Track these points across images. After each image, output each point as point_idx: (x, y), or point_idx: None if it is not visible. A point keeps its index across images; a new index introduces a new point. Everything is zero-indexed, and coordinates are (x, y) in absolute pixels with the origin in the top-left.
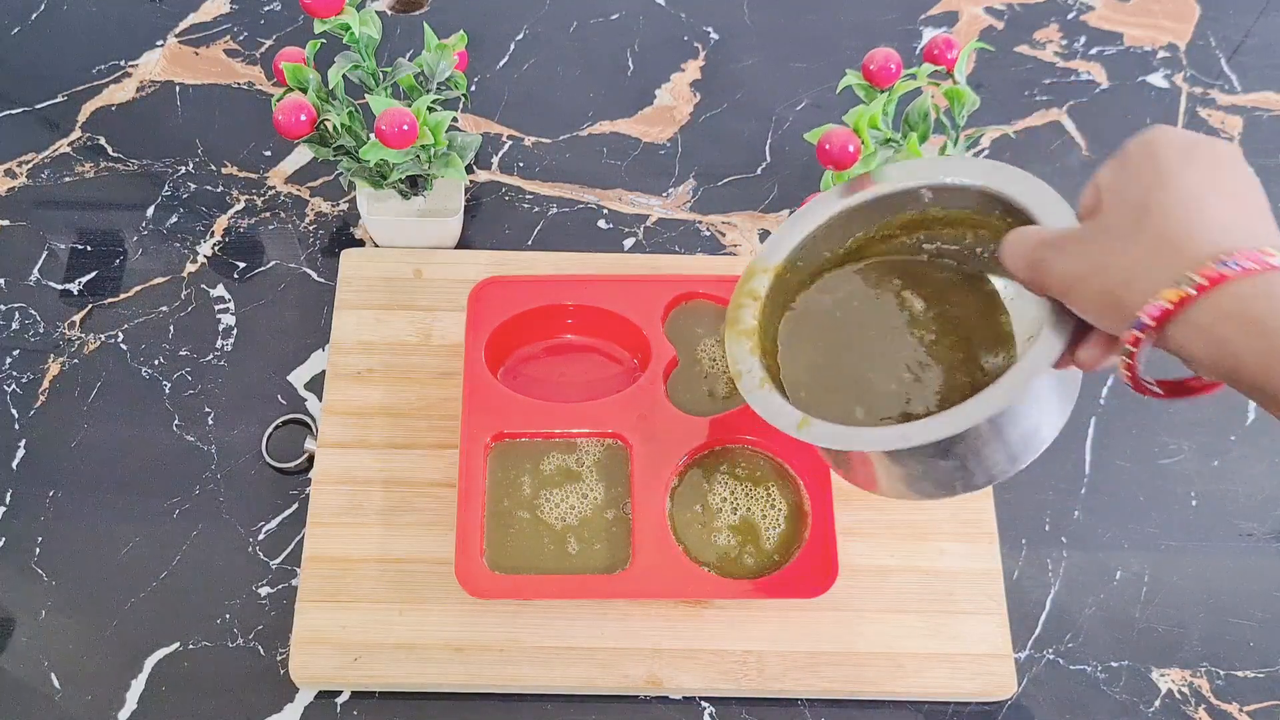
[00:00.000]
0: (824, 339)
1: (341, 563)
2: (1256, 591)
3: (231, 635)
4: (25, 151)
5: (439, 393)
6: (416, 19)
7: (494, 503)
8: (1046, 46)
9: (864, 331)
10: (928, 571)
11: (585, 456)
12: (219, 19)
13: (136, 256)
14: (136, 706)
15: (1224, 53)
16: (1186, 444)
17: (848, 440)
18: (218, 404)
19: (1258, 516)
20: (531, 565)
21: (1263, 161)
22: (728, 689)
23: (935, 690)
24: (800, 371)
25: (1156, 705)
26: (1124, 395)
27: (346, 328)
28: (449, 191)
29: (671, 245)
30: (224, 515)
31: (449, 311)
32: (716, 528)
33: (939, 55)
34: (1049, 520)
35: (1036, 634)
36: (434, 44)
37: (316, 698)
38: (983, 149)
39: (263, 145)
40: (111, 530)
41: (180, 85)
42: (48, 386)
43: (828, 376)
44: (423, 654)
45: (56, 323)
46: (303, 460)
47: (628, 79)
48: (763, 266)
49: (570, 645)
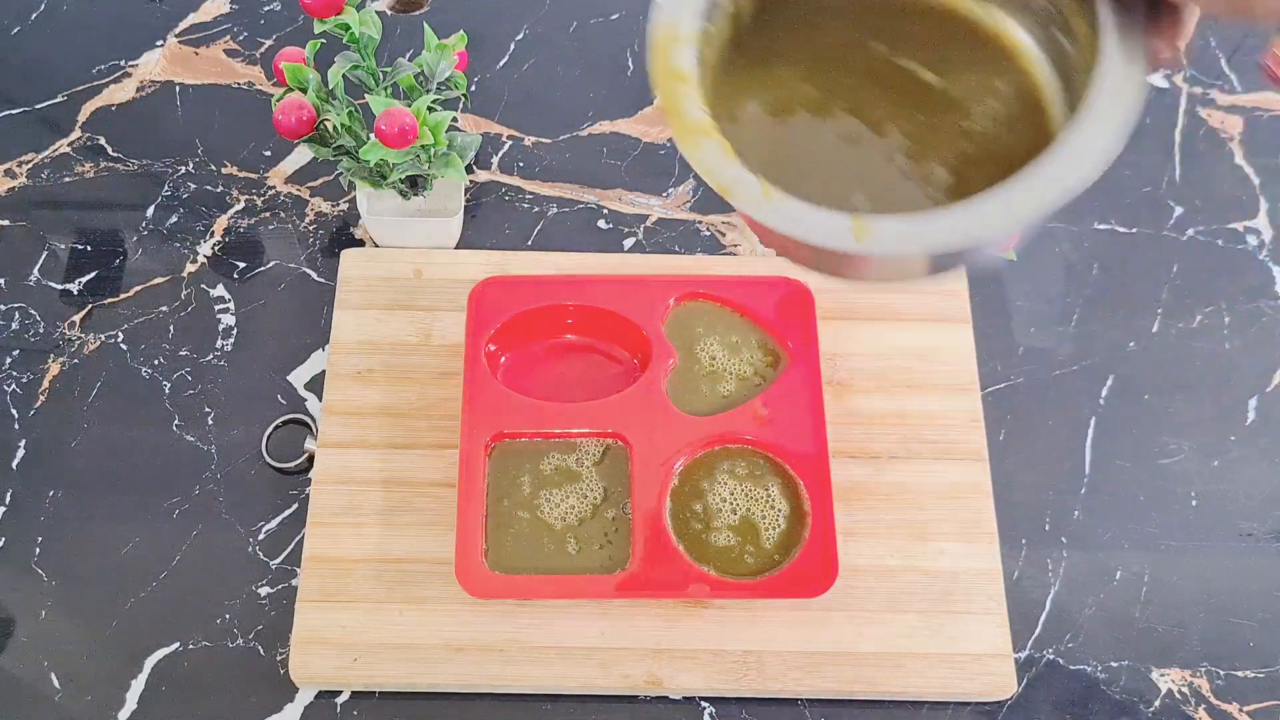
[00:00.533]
0: (785, 117)
1: (341, 563)
2: (1256, 591)
3: (231, 635)
4: (25, 151)
5: (439, 393)
6: (416, 19)
7: (494, 503)
8: None
9: (834, 99)
10: (928, 571)
11: (585, 456)
12: (219, 19)
13: (136, 256)
14: (136, 706)
15: (1224, 53)
16: (1186, 444)
17: (933, 237)
18: (218, 404)
19: (1258, 516)
20: (531, 565)
21: (1263, 161)
22: (728, 689)
23: (935, 690)
24: (771, 159)
25: (1156, 705)
26: (1124, 395)
27: (346, 328)
28: (449, 191)
29: (671, 245)
30: (224, 515)
31: (449, 311)
32: (716, 528)
33: None
34: (1049, 520)
35: (1036, 634)
36: (434, 44)
37: (316, 698)
38: None
39: (263, 145)
40: (111, 530)
41: (180, 85)
42: (48, 386)
43: (803, 161)
44: (423, 654)
45: (56, 323)
46: (303, 460)
47: (628, 79)
48: (672, 34)
49: (570, 645)
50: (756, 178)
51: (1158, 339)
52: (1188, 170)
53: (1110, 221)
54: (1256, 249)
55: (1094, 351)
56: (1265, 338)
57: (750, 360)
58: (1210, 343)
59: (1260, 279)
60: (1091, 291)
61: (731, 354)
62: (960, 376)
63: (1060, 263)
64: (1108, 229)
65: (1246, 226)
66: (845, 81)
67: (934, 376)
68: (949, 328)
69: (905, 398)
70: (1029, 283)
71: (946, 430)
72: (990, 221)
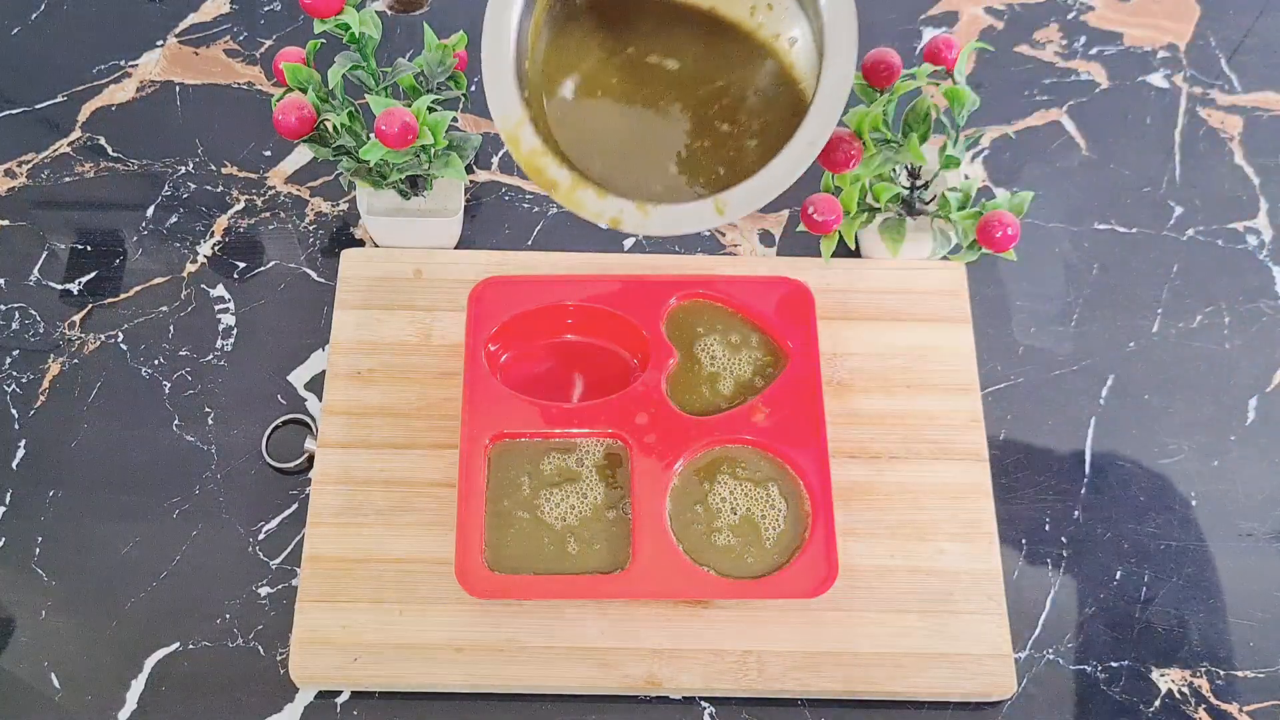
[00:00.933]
0: (593, 99)
1: (341, 563)
2: (1256, 591)
3: (231, 635)
4: (25, 151)
5: (439, 393)
6: (416, 19)
7: (494, 503)
8: (1046, 46)
9: (632, 105)
10: (928, 571)
11: (585, 456)
12: (219, 19)
13: (136, 256)
14: (136, 706)
15: (1224, 53)
16: (1186, 444)
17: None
18: (218, 404)
19: (1258, 516)
20: (531, 565)
21: (1263, 161)
22: (728, 689)
23: (935, 690)
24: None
25: (1156, 705)
26: (1124, 395)
27: (346, 328)
28: (449, 191)
29: (671, 245)
30: (224, 515)
31: (449, 311)
32: (716, 528)
33: (939, 55)
34: (1049, 520)
35: (1036, 634)
36: (434, 44)
37: (316, 698)
38: (983, 149)
39: (263, 145)
40: (111, 530)
41: (180, 85)
42: (48, 386)
43: (624, 160)
44: (423, 654)
45: (56, 323)
46: (303, 460)
47: None
48: (511, 126)
49: (570, 645)
50: (633, 203)
51: (1158, 339)
52: (1188, 170)
53: (1110, 221)
54: (1256, 249)
55: (1094, 351)
56: (1265, 338)
57: (750, 360)
58: (1210, 343)
59: (1260, 279)
60: (1091, 291)
61: (731, 354)
62: (960, 376)
63: (1060, 263)
64: (1108, 229)
65: (1246, 226)
66: (645, 76)
67: (934, 376)
68: (949, 328)
69: (905, 398)
70: (1029, 283)
71: (946, 430)
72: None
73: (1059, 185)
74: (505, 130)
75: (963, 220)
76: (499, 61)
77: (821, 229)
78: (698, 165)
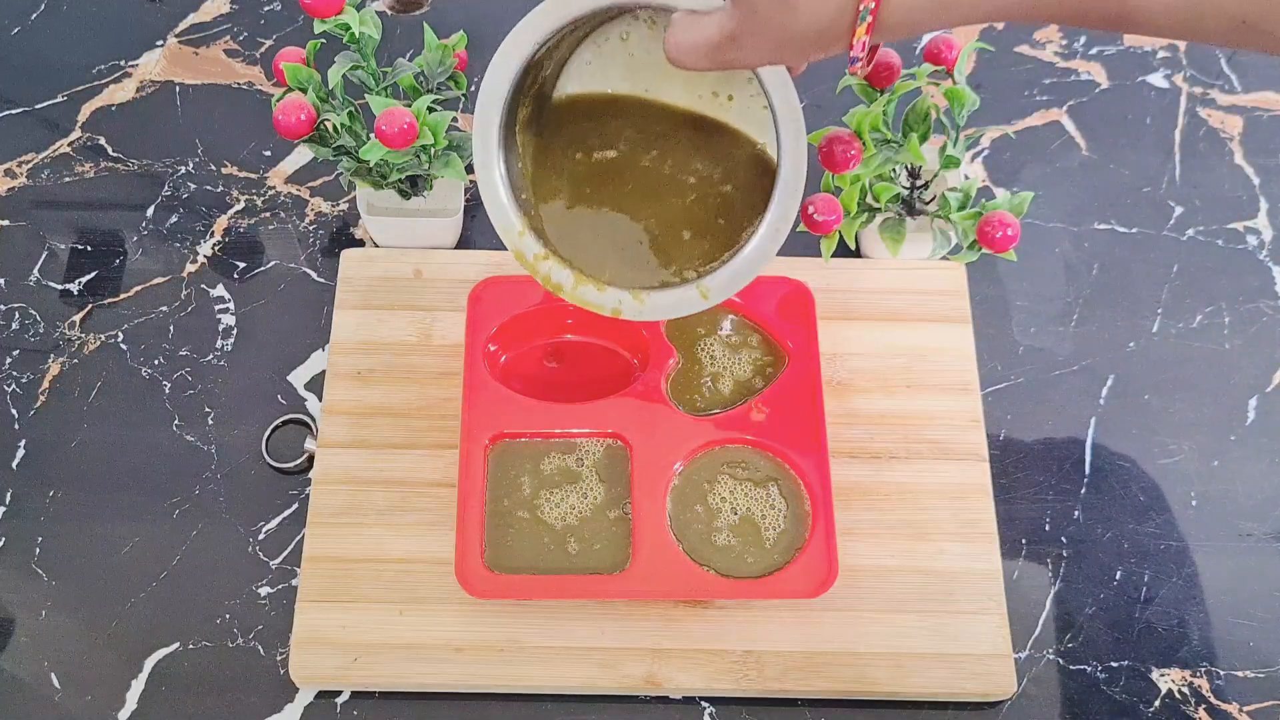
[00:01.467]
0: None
1: (341, 563)
2: (1256, 591)
3: (231, 635)
4: (25, 151)
5: (439, 393)
6: (416, 19)
7: (494, 503)
8: (1046, 46)
9: (613, 197)
10: (928, 572)
11: (585, 456)
12: (219, 19)
13: (136, 256)
14: (136, 706)
15: (1224, 52)
16: (1186, 444)
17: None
18: (218, 404)
19: (1258, 516)
20: (531, 565)
21: (1263, 161)
22: (728, 689)
23: (935, 690)
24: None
25: (1156, 705)
26: (1124, 395)
27: (346, 328)
28: (449, 191)
29: None
30: (224, 515)
31: (449, 311)
32: (716, 528)
33: (939, 55)
34: (1049, 520)
35: (1036, 634)
36: (434, 44)
37: (316, 698)
38: (982, 149)
39: (263, 145)
40: (111, 530)
41: (180, 85)
42: (48, 386)
43: (607, 250)
44: (423, 654)
45: (56, 323)
46: (303, 460)
47: None
48: (513, 235)
49: (570, 645)
50: (629, 293)
51: (1158, 339)
52: (1188, 170)
53: (1110, 221)
54: (1256, 249)
55: (1094, 351)
56: (1265, 338)
57: (750, 360)
58: (1210, 343)
59: (1260, 279)
60: (1091, 291)
61: (731, 354)
62: (960, 376)
63: (1060, 263)
64: (1108, 229)
65: (1246, 226)
66: (623, 186)
67: (934, 376)
68: (949, 328)
69: (905, 398)
70: (1029, 283)
71: (946, 430)
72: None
73: (1059, 185)
74: (509, 242)
75: (963, 220)
76: (491, 189)
77: (821, 229)
78: (680, 255)
